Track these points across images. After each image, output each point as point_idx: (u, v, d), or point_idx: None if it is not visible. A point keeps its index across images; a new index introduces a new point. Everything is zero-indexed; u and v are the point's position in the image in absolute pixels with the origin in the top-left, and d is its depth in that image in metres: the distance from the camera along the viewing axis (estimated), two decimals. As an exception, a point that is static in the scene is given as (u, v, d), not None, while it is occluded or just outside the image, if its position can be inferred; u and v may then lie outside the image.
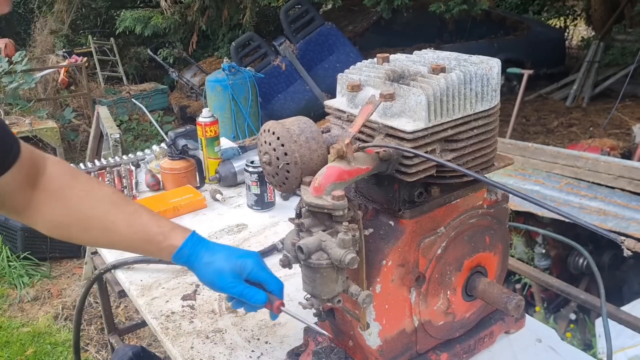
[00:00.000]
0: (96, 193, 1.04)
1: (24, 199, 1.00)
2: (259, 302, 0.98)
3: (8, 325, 3.18)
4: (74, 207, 1.02)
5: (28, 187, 1.00)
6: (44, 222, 1.03)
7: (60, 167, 1.05)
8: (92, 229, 1.03)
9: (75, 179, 1.05)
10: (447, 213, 0.95)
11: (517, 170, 3.35)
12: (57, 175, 1.03)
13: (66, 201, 1.02)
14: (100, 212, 1.02)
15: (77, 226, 1.03)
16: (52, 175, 1.02)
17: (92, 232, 1.04)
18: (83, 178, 1.06)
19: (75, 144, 6.21)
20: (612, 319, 1.37)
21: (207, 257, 1.00)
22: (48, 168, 1.03)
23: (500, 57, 1.10)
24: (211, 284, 1.00)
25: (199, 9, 6.87)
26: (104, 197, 1.04)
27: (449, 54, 0.96)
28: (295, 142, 0.83)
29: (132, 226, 1.02)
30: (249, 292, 0.98)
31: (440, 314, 0.99)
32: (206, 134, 1.86)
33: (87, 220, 1.03)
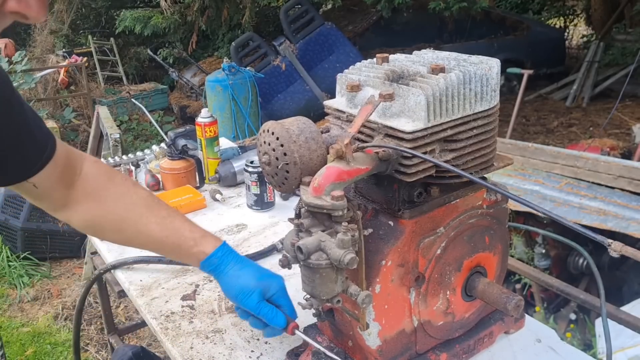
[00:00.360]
0: (131, 196, 1.06)
1: (61, 198, 1.02)
2: (278, 324, 0.99)
3: (8, 325, 3.18)
4: (109, 208, 1.05)
5: (64, 186, 1.01)
6: (78, 220, 1.06)
7: (97, 167, 1.07)
8: (126, 230, 1.06)
9: (111, 180, 1.07)
10: (447, 213, 0.95)
11: (517, 170, 3.35)
12: (93, 176, 1.05)
13: (101, 202, 1.04)
14: (135, 214, 1.04)
15: (111, 227, 1.06)
16: (88, 176, 1.04)
17: (125, 233, 1.07)
18: (119, 179, 1.08)
19: (75, 144, 6.20)
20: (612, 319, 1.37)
21: (234, 270, 1.01)
22: (85, 168, 1.04)
23: (500, 57, 1.10)
24: (234, 298, 1.01)
25: (199, 9, 6.87)
26: (138, 200, 1.06)
27: (449, 54, 0.96)
28: (295, 143, 0.83)
29: (165, 229, 1.04)
30: (271, 313, 0.99)
31: (439, 314, 0.99)
32: (205, 134, 1.85)
33: (121, 222, 1.05)
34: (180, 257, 1.09)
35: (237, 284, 1.00)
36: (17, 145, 0.91)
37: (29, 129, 0.93)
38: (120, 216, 1.05)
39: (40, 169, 0.95)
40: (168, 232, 1.04)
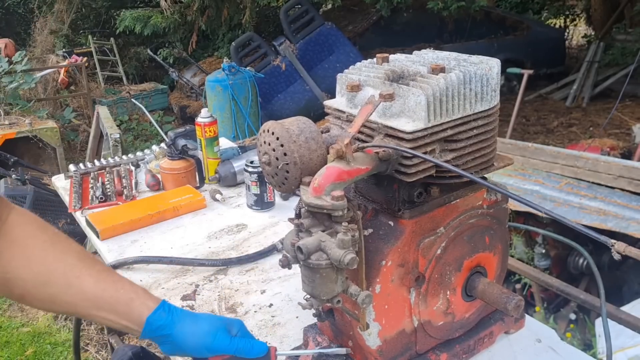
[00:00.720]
0: (63, 246, 0.93)
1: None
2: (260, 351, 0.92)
3: (8, 325, 3.18)
4: (35, 257, 0.90)
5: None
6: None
7: (25, 217, 0.95)
8: (53, 284, 0.90)
9: (41, 229, 0.94)
10: (447, 213, 0.95)
11: (517, 170, 3.35)
12: (20, 223, 0.93)
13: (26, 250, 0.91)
14: (65, 265, 0.91)
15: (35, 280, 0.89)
16: (14, 223, 0.92)
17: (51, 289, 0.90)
18: (51, 230, 0.95)
19: (75, 144, 6.21)
20: (612, 319, 1.37)
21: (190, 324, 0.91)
22: (11, 216, 0.93)
23: (500, 57, 1.10)
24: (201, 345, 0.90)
25: (199, 9, 6.87)
26: (70, 251, 0.93)
27: (449, 54, 0.96)
28: (295, 142, 0.83)
29: (101, 282, 0.90)
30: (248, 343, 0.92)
31: (439, 314, 0.99)
32: (205, 134, 1.86)
33: (48, 273, 0.90)
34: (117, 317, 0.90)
35: (199, 330, 0.90)
36: None
37: None
38: (47, 267, 0.90)
39: None
40: (105, 285, 0.90)
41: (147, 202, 1.74)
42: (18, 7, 10.52)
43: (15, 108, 5.32)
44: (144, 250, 1.52)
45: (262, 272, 1.40)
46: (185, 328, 0.90)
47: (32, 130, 4.67)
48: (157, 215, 1.66)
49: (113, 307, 0.90)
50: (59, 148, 4.86)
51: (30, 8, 9.97)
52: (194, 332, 0.90)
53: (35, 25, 9.44)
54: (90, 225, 1.61)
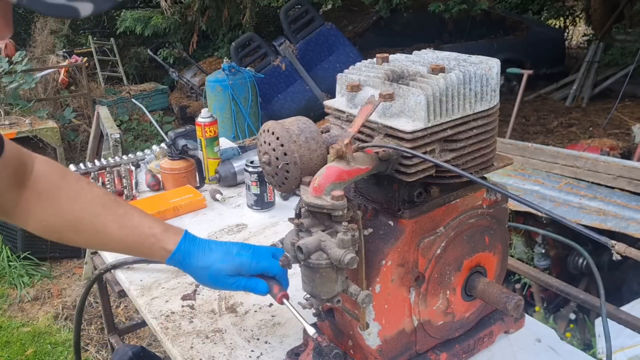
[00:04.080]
0: (86, 194, 1.02)
1: (12, 199, 0.98)
2: (260, 292, 0.99)
3: (8, 325, 3.18)
4: (64, 208, 1.00)
5: (15, 186, 0.98)
6: (34, 222, 1.01)
7: (48, 166, 1.02)
8: (83, 230, 1.02)
9: (63, 179, 1.02)
10: (447, 213, 0.95)
11: (517, 170, 3.35)
12: (44, 174, 1.00)
13: (55, 202, 1.00)
14: (91, 214, 1.00)
15: (68, 227, 1.02)
16: (39, 175, 1.00)
17: (83, 234, 1.03)
18: (72, 178, 1.04)
19: (75, 144, 6.21)
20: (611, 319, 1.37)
21: (202, 261, 0.99)
22: (36, 167, 1.00)
23: (500, 57, 1.11)
24: (210, 286, 1.02)
25: (199, 9, 6.87)
26: (94, 198, 1.02)
27: (449, 54, 0.96)
28: (295, 142, 0.83)
29: (124, 228, 1.00)
30: (250, 284, 0.99)
31: (439, 313, 0.99)
32: (205, 134, 1.86)
33: (78, 222, 1.01)
34: (144, 255, 1.06)
35: (207, 274, 0.99)
36: None
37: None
38: (76, 216, 1.00)
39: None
40: (127, 231, 1.00)
41: (148, 202, 1.74)
42: (18, 7, 10.47)
43: (15, 108, 5.31)
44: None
45: (262, 272, 1.40)
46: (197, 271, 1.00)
47: (32, 131, 4.67)
48: (158, 215, 1.66)
49: (138, 249, 1.03)
50: (59, 148, 4.86)
51: (30, 8, 9.95)
52: (203, 275, 1.00)
53: (35, 25, 9.44)
54: (91, 225, 1.61)
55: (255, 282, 0.99)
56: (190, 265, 1.00)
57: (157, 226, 1.02)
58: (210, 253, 1.00)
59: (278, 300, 1.00)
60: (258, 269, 1.00)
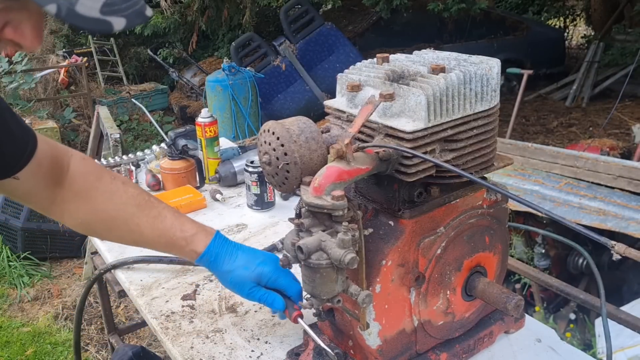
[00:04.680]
0: (121, 195, 1.06)
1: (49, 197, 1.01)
2: (276, 308, 1.02)
3: (8, 325, 3.18)
4: (99, 207, 1.04)
5: (51, 184, 1.01)
6: (70, 218, 1.06)
7: (84, 165, 1.06)
8: (117, 229, 1.06)
9: (99, 179, 1.06)
10: (447, 213, 0.95)
11: (517, 170, 3.35)
12: (81, 174, 1.04)
13: (90, 201, 1.04)
14: (125, 214, 1.05)
15: (102, 225, 1.07)
16: (76, 174, 1.03)
17: (117, 232, 1.08)
18: (108, 178, 1.07)
19: (75, 144, 6.21)
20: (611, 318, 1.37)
21: (227, 265, 1.03)
22: (72, 166, 1.03)
23: (500, 57, 1.10)
24: (233, 290, 1.06)
25: (199, 9, 6.87)
26: (128, 199, 1.05)
27: (449, 54, 0.96)
28: (295, 142, 0.83)
29: (156, 230, 1.04)
30: (267, 299, 1.02)
31: (439, 313, 0.99)
32: (205, 134, 1.86)
33: (112, 221, 1.05)
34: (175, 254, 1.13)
35: (229, 278, 1.03)
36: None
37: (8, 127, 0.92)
38: (110, 216, 1.05)
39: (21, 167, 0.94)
40: (159, 232, 1.05)
41: (148, 202, 1.74)
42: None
43: (15, 108, 5.31)
44: (144, 250, 1.52)
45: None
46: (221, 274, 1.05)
47: (32, 130, 4.66)
48: (158, 215, 1.66)
49: (169, 250, 1.08)
50: (59, 148, 4.86)
51: (30, 8, 9.95)
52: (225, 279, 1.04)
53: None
54: (91, 225, 1.61)
55: (272, 297, 1.02)
56: (216, 267, 1.04)
57: (189, 229, 1.06)
58: (236, 258, 1.04)
59: (293, 319, 1.01)
60: (276, 284, 1.02)
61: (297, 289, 1.03)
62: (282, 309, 1.02)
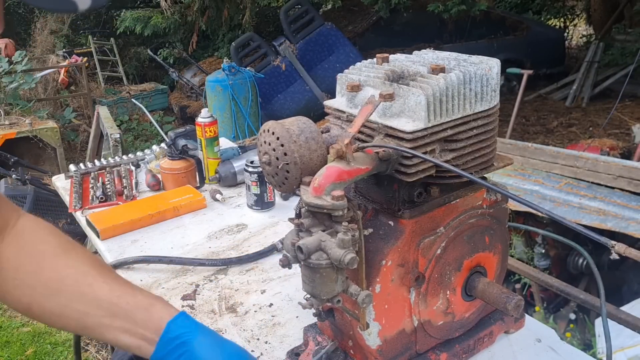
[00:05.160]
0: (76, 252, 0.88)
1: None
2: None
3: (8, 325, 3.18)
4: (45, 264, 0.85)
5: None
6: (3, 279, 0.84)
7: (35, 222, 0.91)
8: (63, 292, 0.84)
9: (52, 234, 0.90)
10: (447, 213, 0.95)
11: (517, 170, 3.35)
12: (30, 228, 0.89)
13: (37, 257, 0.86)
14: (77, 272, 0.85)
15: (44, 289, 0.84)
16: (24, 228, 0.88)
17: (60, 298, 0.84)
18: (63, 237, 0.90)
19: (75, 144, 6.22)
20: (611, 319, 1.38)
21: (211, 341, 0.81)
22: (21, 221, 0.89)
23: (500, 57, 1.11)
24: None
25: (199, 9, 6.88)
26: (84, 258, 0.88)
27: (449, 54, 0.96)
28: (295, 142, 0.83)
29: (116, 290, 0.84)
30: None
31: (439, 313, 0.99)
32: (205, 134, 1.86)
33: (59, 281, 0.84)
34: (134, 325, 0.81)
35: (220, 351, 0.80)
36: None
37: None
38: (58, 274, 0.84)
39: None
40: (120, 293, 0.83)
41: (148, 202, 1.74)
42: (18, 7, 10.52)
43: (15, 108, 5.32)
44: (144, 250, 1.52)
45: (262, 272, 1.40)
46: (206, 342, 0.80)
47: (33, 131, 4.67)
48: (157, 215, 1.66)
49: (130, 313, 0.82)
50: (59, 148, 4.87)
51: (30, 8, 9.97)
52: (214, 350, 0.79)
53: (35, 25, 9.44)
54: (91, 225, 1.61)
55: None
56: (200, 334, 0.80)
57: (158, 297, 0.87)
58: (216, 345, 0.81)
59: None
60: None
61: None
62: None
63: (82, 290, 0.83)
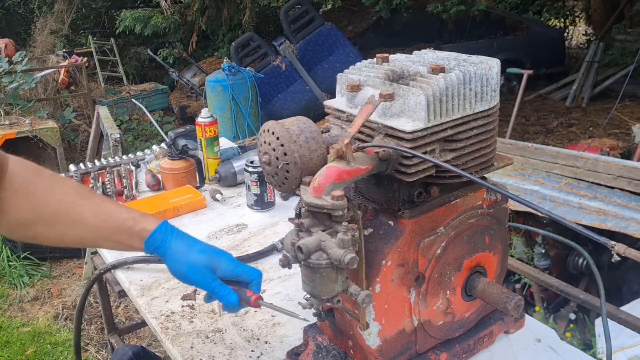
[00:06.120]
0: (61, 187, 1.01)
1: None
2: (229, 303, 0.96)
3: (8, 325, 3.18)
4: (39, 201, 0.98)
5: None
6: (7, 221, 0.98)
7: (21, 164, 1.01)
8: (59, 223, 0.99)
9: (38, 174, 1.01)
10: (447, 213, 0.95)
11: (517, 170, 3.35)
12: (19, 172, 0.99)
13: (30, 196, 0.98)
14: (67, 204, 0.99)
15: (43, 222, 0.99)
16: (14, 173, 0.98)
17: (58, 227, 0.99)
18: (46, 173, 1.02)
19: (75, 144, 6.21)
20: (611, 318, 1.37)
21: (181, 246, 0.97)
22: (10, 166, 0.99)
23: (500, 57, 1.11)
24: (183, 275, 0.97)
25: (199, 9, 6.88)
26: (69, 190, 1.01)
27: (449, 54, 0.96)
28: (295, 142, 0.83)
29: (100, 215, 0.98)
30: (221, 291, 0.95)
31: (439, 313, 0.99)
32: (205, 134, 1.86)
33: (53, 215, 0.99)
34: (120, 243, 1.00)
35: (184, 260, 0.96)
36: None
37: None
38: (51, 209, 0.98)
39: None
40: (104, 217, 0.98)
41: (148, 202, 1.74)
42: (18, 7, 10.52)
43: (15, 108, 5.31)
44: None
45: (262, 272, 1.40)
46: (174, 256, 0.96)
47: (33, 130, 4.67)
48: (158, 215, 1.65)
49: (116, 236, 0.99)
50: (59, 148, 4.86)
51: (30, 8, 9.97)
52: (179, 260, 0.96)
53: (35, 25, 9.44)
54: (91, 225, 1.61)
55: (226, 291, 0.95)
56: (169, 247, 0.96)
57: (135, 212, 1.01)
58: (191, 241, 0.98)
59: (253, 303, 0.96)
60: (235, 272, 0.97)
61: (257, 273, 0.99)
62: (236, 304, 0.96)
63: (74, 219, 0.98)
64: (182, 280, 0.99)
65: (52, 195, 0.99)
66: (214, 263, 0.96)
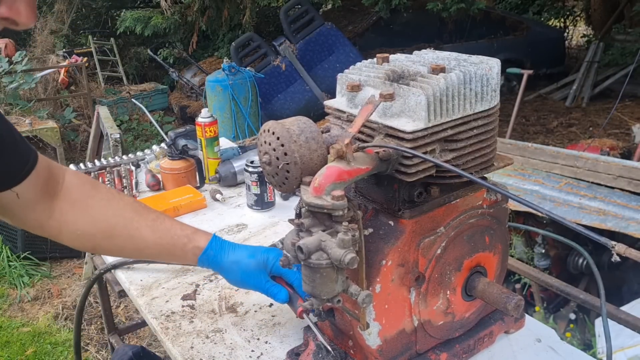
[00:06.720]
0: (118, 202, 1.06)
1: (45, 211, 1.01)
2: (280, 300, 1.05)
3: (8, 325, 3.18)
4: (97, 215, 1.04)
5: (48, 197, 1.00)
6: (68, 232, 1.03)
7: (78, 177, 1.07)
8: (117, 236, 1.04)
9: (95, 188, 1.07)
10: (447, 213, 0.95)
11: (517, 170, 3.35)
12: (76, 185, 1.04)
13: (89, 210, 1.03)
14: (124, 219, 1.04)
15: (102, 234, 1.04)
16: (72, 185, 1.04)
17: (116, 240, 1.05)
18: (103, 188, 1.09)
19: (75, 144, 6.21)
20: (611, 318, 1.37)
21: (232, 256, 1.05)
22: (67, 178, 1.04)
23: (500, 57, 1.11)
24: (239, 284, 1.08)
25: (199, 9, 6.88)
26: (126, 205, 1.06)
27: (449, 54, 0.96)
28: (295, 142, 0.83)
29: (157, 231, 1.05)
30: (273, 290, 1.05)
31: (439, 313, 1.00)
32: (205, 134, 1.86)
33: (112, 228, 1.04)
34: (175, 257, 1.10)
35: (237, 269, 1.05)
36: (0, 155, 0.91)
37: (13, 140, 0.93)
38: (110, 224, 1.04)
39: (23, 179, 0.95)
40: (160, 234, 1.05)
41: (148, 202, 1.74)
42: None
43: (15, 108, 5.32)
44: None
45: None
46: (228, 266, 1.06)
47: (32, 131, 4.67)
48: (158, 215, 1.66)
49: (171, 252, 1.07)
50: (59, 148, 4.87)
51: (30, 8, 9.95)
52: (233, 270, 1.06)
53: (35, 25, 9.43)
54: (91, 225, 1.61)
55: (278, 288, 1.05)
56: (222, 260, 1.05)
57: (188, 228, 1.08)
58: (240, 249, 1.07)
59: (298, 314, 1.03)
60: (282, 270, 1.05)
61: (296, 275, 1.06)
62: (285, 300, 1.04)
63: (132, 234, 1.04)
64: (240, 287, 1.11)
65: (109, 209, 1.04)
66: (262, 263, 1.05)
